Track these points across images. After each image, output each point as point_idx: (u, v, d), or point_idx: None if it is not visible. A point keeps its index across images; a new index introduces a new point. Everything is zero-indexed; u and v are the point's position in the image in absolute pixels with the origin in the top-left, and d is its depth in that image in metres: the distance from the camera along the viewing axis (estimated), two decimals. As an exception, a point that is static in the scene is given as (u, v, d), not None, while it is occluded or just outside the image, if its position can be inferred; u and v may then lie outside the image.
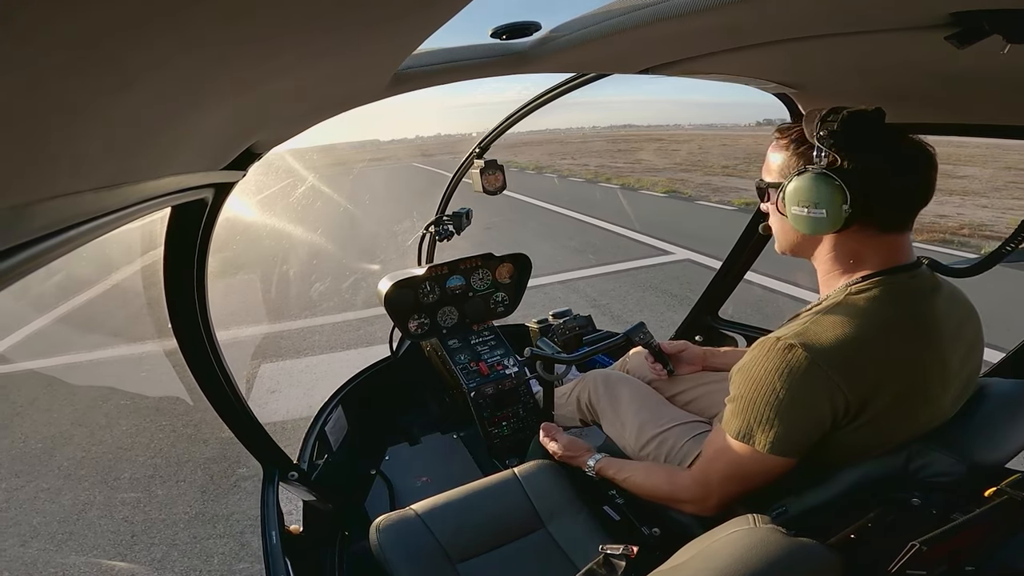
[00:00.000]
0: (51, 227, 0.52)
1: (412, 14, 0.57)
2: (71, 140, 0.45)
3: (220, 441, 3.42)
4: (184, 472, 3.17)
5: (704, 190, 14.34)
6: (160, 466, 3.25)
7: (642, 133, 65.95)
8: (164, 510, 2.87)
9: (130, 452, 3.43)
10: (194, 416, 3.75)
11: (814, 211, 0.94)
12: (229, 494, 2.94)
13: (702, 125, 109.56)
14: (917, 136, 0.95)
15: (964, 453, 0.86)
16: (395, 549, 1.38)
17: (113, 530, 2.74)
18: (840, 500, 0.93)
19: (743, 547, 0.78)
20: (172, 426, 3.67)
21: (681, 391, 1.64)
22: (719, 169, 19.22)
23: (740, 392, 0.98)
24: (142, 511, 2.88)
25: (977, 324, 1.03)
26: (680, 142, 38.18)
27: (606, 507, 1.61)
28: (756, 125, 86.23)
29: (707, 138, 42.89)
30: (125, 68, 0.40)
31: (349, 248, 9.17)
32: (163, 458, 3.33)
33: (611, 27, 0.79)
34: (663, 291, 5.80)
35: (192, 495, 2.96)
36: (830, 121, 0.92)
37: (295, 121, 1.14)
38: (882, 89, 1.12)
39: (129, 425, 3.75)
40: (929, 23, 0.65)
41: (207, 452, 3.34)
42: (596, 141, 44.76)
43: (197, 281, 1.32)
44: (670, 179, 16.93)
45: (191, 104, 0.60)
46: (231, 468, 3.15)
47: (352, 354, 4.65)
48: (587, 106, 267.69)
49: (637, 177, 18.00)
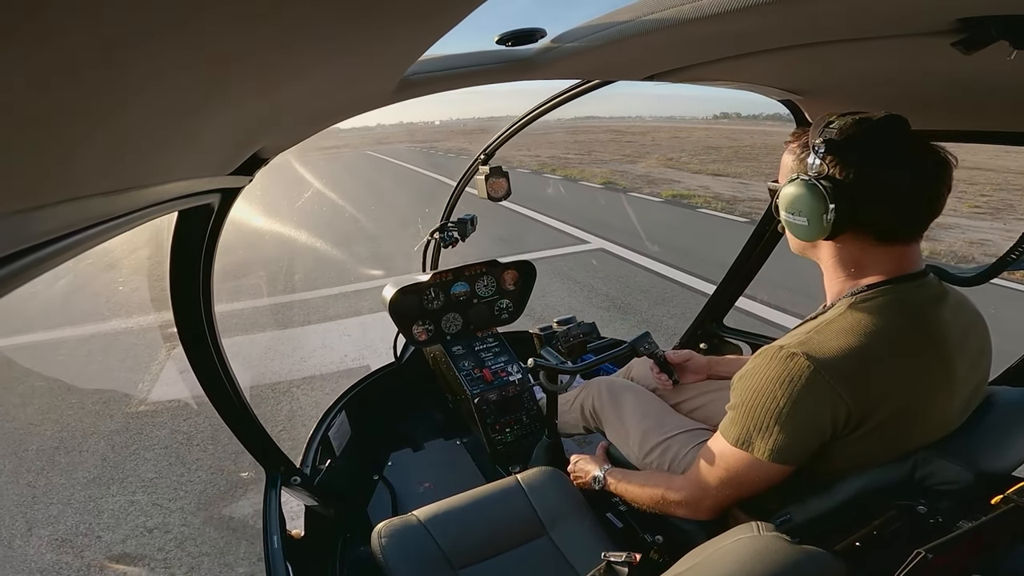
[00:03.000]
0: (59, 231, 0.52)
1: (419, 20, 0.58)
2: (80, 145, 0.45)
3: (125, 416, 3.72)
4: (88, 443, 3.47)
5: (640, 182, 14.76)
6: (66, 439, 3.53)
7: (602, 125, 66.52)
8: (64, 475, 3.17)
9: (39, 427, 3.69)
10: (103, 394, 4.03)
11: (798, 218, 0.94)
12: (127, 461, 3.26)
13: (662, 117, 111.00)
14: (933, 146, 0.90)
15: (971, 461, 0.85)
16: (397, 555, 1.37)
17: (17, 493, 3.03)
18: (845, 508, 0.92)
19: (747, 555, 0.77)
20: (81, 403, 3.94)
21: (686, 399, 1.63)
22: (664, 161, 19.91)
23: (741, 399, 0.97)
24: (44, 477, 3.17)
25: (985, 332, 1.01)
26: (636, 134, 38.82)
27: (609, 514, 1.61)
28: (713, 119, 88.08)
29: (663, 130, 43.68)
30: (135, 74, 0.40)
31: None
32: (69, 431, 3.61)
33: (616, 34, 0.79)
34: (568, 278, 6.23)
35: (93, 462, 3.27)
36: (832, 127, 0.90)
37: (302, 126, 1.14)
38: (888, 96, 1.11)
39: (41, 404, 3.99)
40: (935, 29, 0.64)
41: (112, 425, 3.64)
42: (557, 132, 45.16)
43: (203, 286, 1.31)
44: (612, 171, 17.38)
45: (199, 110, 0.60)
46: (132, 439, 3.46)
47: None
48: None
49: (581, 169, 18.37)
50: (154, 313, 5.69)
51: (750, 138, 31.49)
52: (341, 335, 4.86)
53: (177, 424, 3.57)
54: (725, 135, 35.96)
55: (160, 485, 3.01)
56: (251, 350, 4.64)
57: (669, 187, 13.45)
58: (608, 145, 29.52)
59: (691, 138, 33.21)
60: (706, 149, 24.84)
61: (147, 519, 2.75)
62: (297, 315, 5.45)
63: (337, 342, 4.71)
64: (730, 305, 2.25)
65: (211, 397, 1.51)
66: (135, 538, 2.63)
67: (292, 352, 4.58)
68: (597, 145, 29.82)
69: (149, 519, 2.75)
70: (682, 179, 15.09)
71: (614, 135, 38.35)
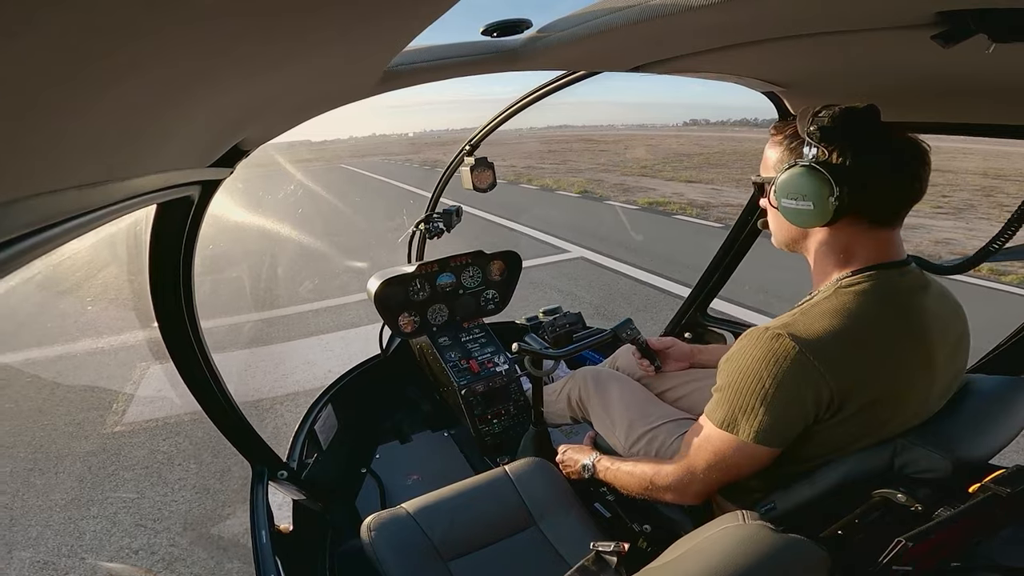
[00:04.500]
0: (32, 225, 0.51)
1: (403, 10, 0.57)
2: (53, 137, 0.44)
3: (101, 436, 3.61)
4: (63, 465, 3.35)
5: (615, 190, 14.87)
6: (39, 460, 3.41)
7: (575, 134, 67.39)
8: (41, 497, 3.06)
9: (12, 450, 3.56)
10: (76, 416, 3.91)
11: (802, 203, 0.95)
12: (106, 481, 3.16)
13: (634, 125, 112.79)
14: (909, 135, 0.95)
15: (949, 449, 0.86)
16: (386, 547, 1.37)
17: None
18: (827, 496, 0.93)
19: (732, 543, 0.79)
20: (54, 424, 3.82)
21: (670, 388, 1.64)
22: (637, 170, 20.21)
23: (727, 381, 0.98)
24: (20, 499, 3.05)
25: (964, 322, 1.04)
26: (609, 143, 39.37)
27: (597, 504, 1.62)
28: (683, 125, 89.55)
29: (635, 139, 44.38)
30: (109, 64, 0.39)
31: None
32: (43, 453, 3.49)
33: (602, 25, 0.79)
34: (550, 287, 6.16)
35: (70, 484, 3.17)
36: (821, 117, 0.93)
37: (283, 118, 1.12)
38: (869, 88, 1.12)
39: (11, 426, 3.85)
40: (915, 22, 0.65)
41: (87, 446, 3.53)
42: (530, 142, 45.45)
43: (183, 279, 1.30)
44: (588, 180, 17.57)
45: (177, 101, 0.59)
46: (110, 460, 3.36)
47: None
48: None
49: (557, 179, 18.54)
50: (126, 332, 5.54)
51: (719, 144, 32.17)
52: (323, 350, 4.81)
53: (156, 444, 3.45)
54: (695, 142, 36.61)
55: (143, 505, 2.91)
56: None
57: (645, 195, 13.68)
58: (583, 155, 29.82)
59: (662, 146, 33.76)
60: (678, 156, 25.31)
61: (131, 540, 2.67)
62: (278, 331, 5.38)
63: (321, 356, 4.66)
64: (714, 295, 2.26)
65: (194, 392, 1.49)
66: (120, 560, 2.55)
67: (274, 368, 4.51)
68: (571, 154, 30.09)
69: (134, 540, 2.66)
70: (656, 187, 15.33)
71: (587, 144, 38.77)
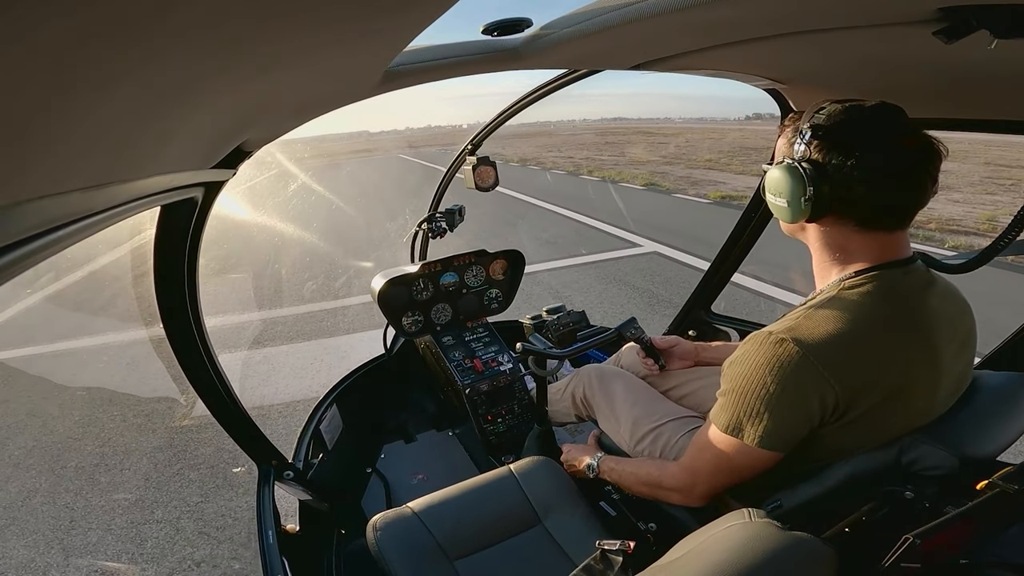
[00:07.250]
0: (37, 228, 0.51)
1: (403, 11, 0.57)
2: (57, 139, 0.44)
3: (169, 431, 3.48)
4: (130, 461, 3.23)
5: (683, 183, 14.29)
6: (107, 455, 3.31)
7: (631, 126, 65.80)
8: (105, 497, 2.93)
9: (79, 442, 3.48)
10: (146, 406, 3.80)
11: (778, 200, 0.96)
12: (171, 481, 3.00)
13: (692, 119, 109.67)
14: (923, 135, 0.90)
15: (956, 446, 0.86)
16: (392, 547, 1.37)
17: (54, 516, 2.81)
18: (834, 494, 0.93)
19: (739, 541, 0.78)
20: (123, 416, 3.72)
21: (675, 386, 1.64)
22: (702, 163, 19.32)
23: (731, 386, 0.98)
24: (83, 498, 2.93)
25: (971, 320, 1.02)
26: (669, 135, 38.21)
27: (602, 503, 1.61)
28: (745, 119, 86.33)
29: (695, 131, 42.97)
30: (112, 67, 0.39)
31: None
32: (111, 447, 3.39)
33: (601, 23, 0.79)
34: (626, 283, 5.85)
35: (135, 482, 3.02)
36: (819, 114, 0.92)
37: (286, 119, 1.13)
38: (871, 85, 1.12)
39: (81, 415, 3.79)
40: (917, 19, 0.65)
41: (154, 441, 3.40)
42: (585, 134, 44.73)
43: (188, 280, 1.31)
44: (652, 172, 16.97)
45: (179, 103, 0.60)
46: (176, 456, 3.21)
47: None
48: (578, 99, 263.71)
49: (619, 170, 17.92)
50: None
51: (789, 138, 30.39)
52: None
53: (222, 441, 3.29)
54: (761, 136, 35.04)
55: (207, 511, 2.74)
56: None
57: (715, 188, 12.92)
58: (643, 147, 28.90)
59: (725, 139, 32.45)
60: (744, 150, 24.09)
61: (194, 550, 2.51)
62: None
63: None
64: (718, 292, 2.26)
65: (199, 392, 1.51)
66: (181, 573, 2.38)
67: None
68: (629, 147, 29.27)
69: (196, 550, 2.51)
70: (726, 180, 14.52)
71: (646, 136, 37.72)
